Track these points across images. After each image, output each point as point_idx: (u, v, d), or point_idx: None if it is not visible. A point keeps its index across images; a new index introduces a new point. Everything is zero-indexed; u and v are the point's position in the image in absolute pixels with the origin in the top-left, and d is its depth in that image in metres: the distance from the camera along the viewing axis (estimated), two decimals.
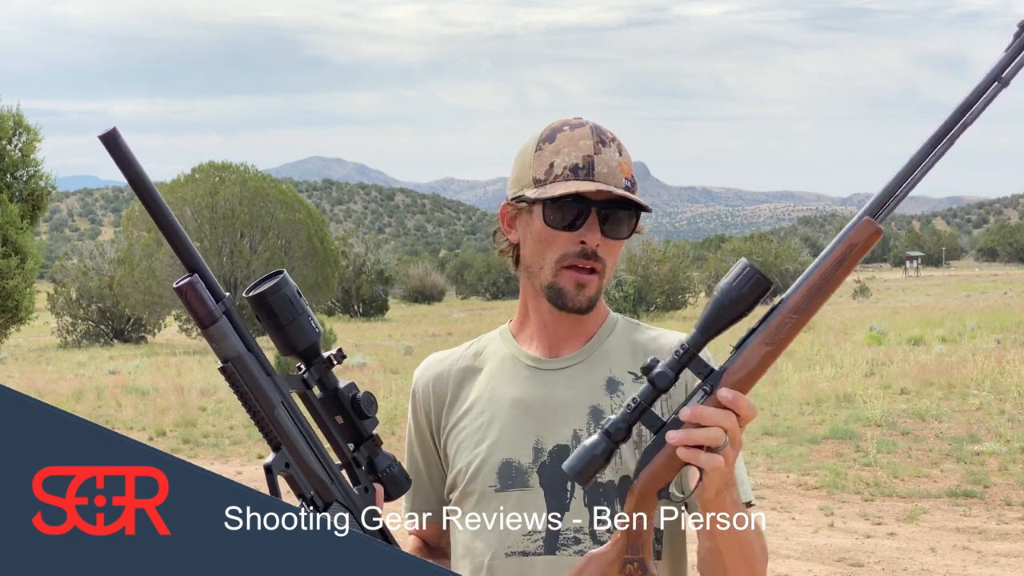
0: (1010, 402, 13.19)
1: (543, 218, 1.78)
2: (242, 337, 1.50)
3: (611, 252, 1.78)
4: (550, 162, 1.78)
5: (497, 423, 1.83)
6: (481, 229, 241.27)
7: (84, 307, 37.16)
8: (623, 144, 1.81)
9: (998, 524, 8.18)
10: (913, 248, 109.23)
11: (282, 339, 1.54)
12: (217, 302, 1.49)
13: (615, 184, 1.75)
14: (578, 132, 1.79)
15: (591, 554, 1.59)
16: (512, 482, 1.79)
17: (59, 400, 16.91)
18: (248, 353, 1.50)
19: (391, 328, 39.59)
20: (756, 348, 1.53)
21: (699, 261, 53.18)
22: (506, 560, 1.78)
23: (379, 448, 1.61)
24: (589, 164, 1.75)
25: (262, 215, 35.60)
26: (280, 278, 1.53)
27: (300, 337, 1.54)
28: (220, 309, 1.48)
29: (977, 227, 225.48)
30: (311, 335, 1.55)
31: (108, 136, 1.40)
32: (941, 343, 20.50)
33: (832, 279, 1.51)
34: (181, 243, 1.47)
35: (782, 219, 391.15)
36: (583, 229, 1.75)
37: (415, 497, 1.96)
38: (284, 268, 1.57)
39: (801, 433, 11.88)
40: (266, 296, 1.53)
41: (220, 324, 1.48)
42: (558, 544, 1.77)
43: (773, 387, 15.01)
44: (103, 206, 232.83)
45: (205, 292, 1.47)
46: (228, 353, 1.49)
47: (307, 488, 1.56)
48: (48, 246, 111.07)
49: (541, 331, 1.88)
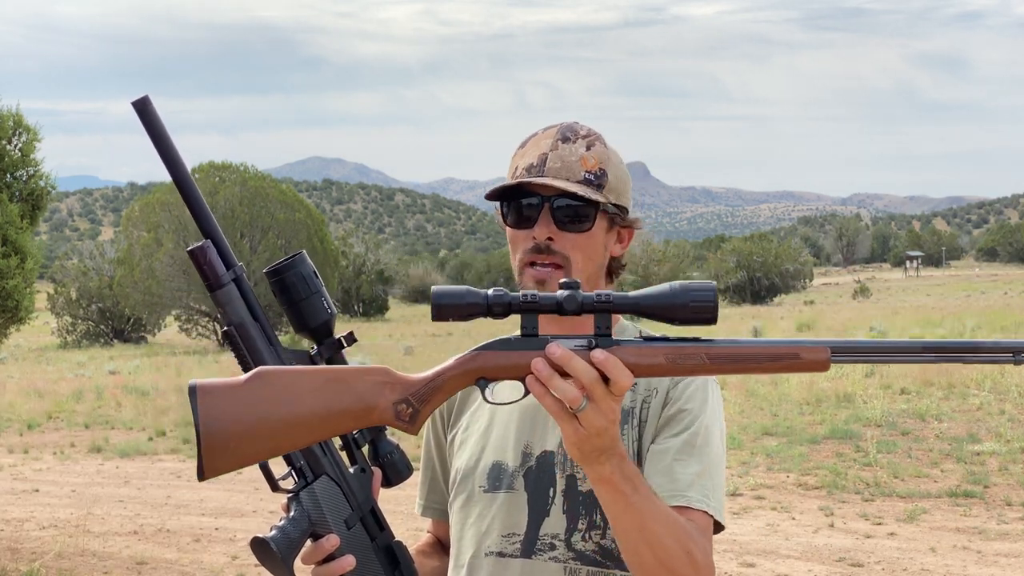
0: (1010, 402, 13.19)
1: (504, 219, 1.81)
2: (249, 306, 1.56)
3: (573, 246, 1.76)
4: (514, 166, 1.81)
5: (493, 427, 1.84)
6: (481, 229, 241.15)
7: (84, 307, 37.16)
8: (602, 141, 1.80)
9: (998, 524, 8.18)
10: (913, 248, 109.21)
11: (295, 316, 1.58)
12: (228, 269, 1.55)
13: (569, 177, 1.75)
14: (545, 133, 1.80)
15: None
16: (499, 484, 1.80)
17: (59, 400, 16.92)
18: (253, 322, 1.56)
19: (391, 328, 39.60)
20: (656, 352, 1.47)
21: (699, 261, 53.15)
22: (484, 559, 1.80)
23: (383, 433, 1.61)
24: (542, 161, 1.76)
25: (262, 215, 35.58)
26: (297, 256, 1.58)
27: (312, 315, 1.58)
28: (230, 276, 1.55)
29: (977, 227, 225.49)
30: (323, 314, 1.58)
31: (139, 103, 1.51)
32: None
33: (759, 367, 1.48)
34: (200, 210, 1.55)
35: (782, 219, 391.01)
36: (536, 226, 1.76)
37: (429, 495, 1.99)
38: None
39: (801, 433, 11.88)
40: (281, 272, 1.58)
41: (227, 289, 1.55)
42: (535, 549, 1.77)
43: (773, 387, 15.01)
44: (103, 206, 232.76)
45: (216, 257, 1.54)
46: (232, 318, 1.55)
47: (297, 457, 1.57)
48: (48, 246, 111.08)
49: None
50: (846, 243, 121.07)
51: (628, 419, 1.78)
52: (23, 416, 15.36)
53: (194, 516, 9.23)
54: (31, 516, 9.35)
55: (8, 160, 9.01)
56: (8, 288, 8.66)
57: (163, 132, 1.53)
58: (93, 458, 12.38)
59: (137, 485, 10.70)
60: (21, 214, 8.97)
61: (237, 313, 1.55)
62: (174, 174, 1.55)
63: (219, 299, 1.55)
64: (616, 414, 1.45)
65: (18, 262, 8.78)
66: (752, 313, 37.17)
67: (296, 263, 1.58)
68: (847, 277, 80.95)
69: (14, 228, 8.80)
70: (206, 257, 1.54)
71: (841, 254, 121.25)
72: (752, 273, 47.38)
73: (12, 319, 9.04)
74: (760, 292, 47.55)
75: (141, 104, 1.52)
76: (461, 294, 1.44)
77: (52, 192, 9.44)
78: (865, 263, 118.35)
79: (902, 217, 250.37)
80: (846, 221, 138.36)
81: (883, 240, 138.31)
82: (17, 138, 9.16)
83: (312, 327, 1.58)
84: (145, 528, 8.85)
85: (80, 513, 9.40)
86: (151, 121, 1.53)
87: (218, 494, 10.10)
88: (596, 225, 1.77)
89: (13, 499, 10.12)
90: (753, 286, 47.48)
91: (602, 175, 1.77)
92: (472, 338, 25.65)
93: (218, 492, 10.20)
